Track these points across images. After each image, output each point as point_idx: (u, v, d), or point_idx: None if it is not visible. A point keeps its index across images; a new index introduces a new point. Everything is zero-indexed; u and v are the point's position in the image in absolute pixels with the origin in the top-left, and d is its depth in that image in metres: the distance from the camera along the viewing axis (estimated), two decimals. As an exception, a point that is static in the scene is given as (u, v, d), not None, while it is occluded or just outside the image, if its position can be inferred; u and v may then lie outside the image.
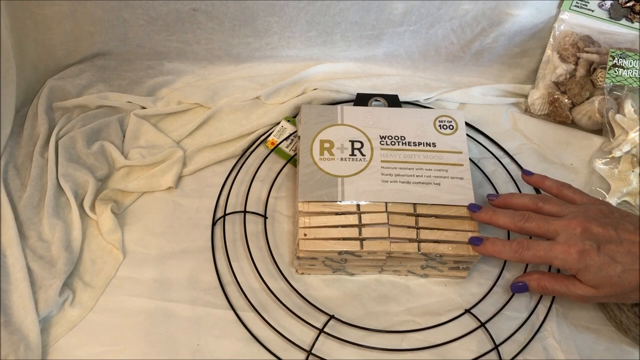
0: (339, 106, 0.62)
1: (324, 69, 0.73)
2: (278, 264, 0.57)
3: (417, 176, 0.57)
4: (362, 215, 0.54)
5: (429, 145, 0.60)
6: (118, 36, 0.68)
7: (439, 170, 0.58)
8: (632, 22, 0.69)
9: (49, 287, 0.52)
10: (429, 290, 0.56)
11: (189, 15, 0.66)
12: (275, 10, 0.67)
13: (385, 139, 0.60)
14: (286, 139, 0.66)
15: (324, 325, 0.53)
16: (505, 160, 0.67)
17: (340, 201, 0.55)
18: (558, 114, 0.69)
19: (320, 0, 0.65)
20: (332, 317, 0.54)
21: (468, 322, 0.54)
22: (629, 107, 0.65)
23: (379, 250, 0.53)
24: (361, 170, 0.57)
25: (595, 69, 0.68)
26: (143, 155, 0.64)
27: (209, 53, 0.72)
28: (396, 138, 0.60)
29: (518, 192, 0.64)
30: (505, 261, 0.58)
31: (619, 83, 0.66)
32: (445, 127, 0.61)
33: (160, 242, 0.58)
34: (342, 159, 0.58)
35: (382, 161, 0.58)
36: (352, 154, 0.58)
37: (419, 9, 0.67)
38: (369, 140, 0.59)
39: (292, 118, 0.68)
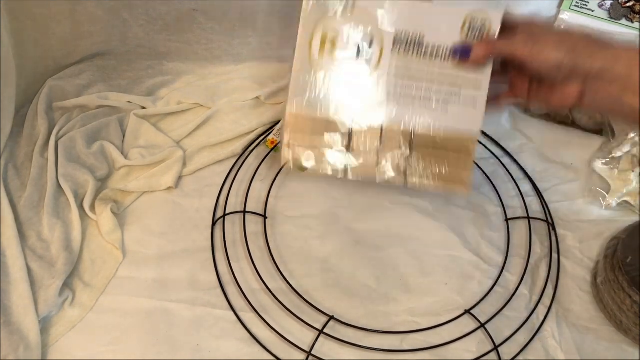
0: None
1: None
2: (278, 264, 0.57)
3: (424, 97, 0.50)
4: (353, 137, 0.50)
5: (447, 59, 0.50)
6: (118, 36, 0.68)
7: (451, 91, 0.50)
8: (632, 22, 0.69)
9: (49, 287, 0.52)
10: (429, 290, 0.56)
11: (189, 15, 0.66)
12: (275, 10, 0.67)
13: (400, 39, 0.50)
14: (286, 139, 0.66)
15: (324, 326, 0.53)
16: (506, 160, 0.67)
17: (333, 115, 0.50)
18: (558, 114, 0.69)
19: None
20: (331, 317, 0.54)
21: (468, 323, 0.54)
22: (629, 107, 0.65)
23: (365, 176, 0.49)
24: (363, 80, 0.50)
25: (595, 69, 0.68)
26: (143, 155, 0.64)
27: (209, 53, 0.72)
28: (413, 39, 0.50)
29: (519, 194, 0.64)
30: (505, 261, 0.58)
31: (619, 83, 0.66)
32: (474, 31, 0.50)
33: (160, 242, 0.58)
34: (344, 59, 0.50)
35: (389, 73, 0.51)
36: (357, 57, 0.51)
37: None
38: (381, 39, 0.50)
39: (292, 118, 0.68)
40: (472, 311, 0.54)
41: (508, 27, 0.49)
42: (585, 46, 0.45)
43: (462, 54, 0.50)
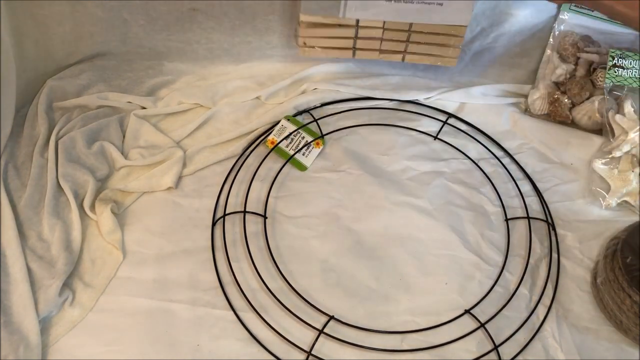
0: None
1: (324, 69, 0.73)
2: (278, 264, 0.57)
3: None
4: (359, 30, 0.59)
5: None
6: (118, 36, 0.68)
7: None
8: (632, 22, 0.69)
9: (49, 287, 0.52)
10: (429, 290, 0.56)
11: (189, 15, 0.66)
12: (275, 10, 0.67)
13: None
14: (286, 138, 0.66)
15: (324, 326, 0.53)
16: (506, 160, 0.67)
17: (342, 16, 0.58)
18: (558, 114, 0.69)
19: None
20: (331, 317, 0.54)
21: (468, 323, 0.54)
22: (628, 107, 0.65)
23: (367, 57, 0.61)
24: None
25: (595, 69, 0.68)
26: (143, 155, 0.64)
27: (209, 53, 0.72)
28: None
29: (520, 194, 0.64)
30: (505, 261, 0.58)
31: (618, 83, 0.66)
32: None
33: (160, 242, 0.58)
34: None
35: None
36: None
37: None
38: None
39: (293, 117, 0.68)
40: (472, 311, 0.54)
41: None
42: None
43: None
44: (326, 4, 0.58)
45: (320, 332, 0.52)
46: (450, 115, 0.70)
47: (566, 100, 0.69)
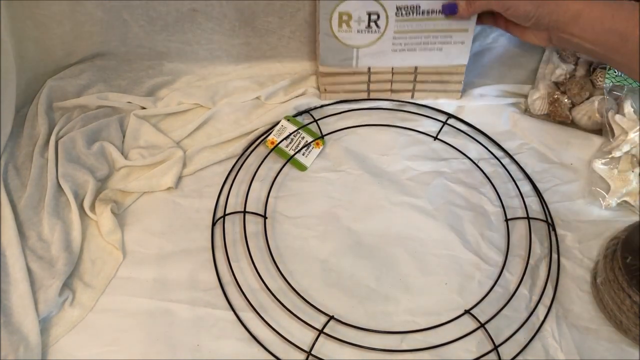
0: None
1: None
2: (278, 264, 0.57)
3: (423, 43, 0.65)
4: (372, 75, 0.67)
5: (441, 14, 0.63)
6: (118, 36, 0.68)
7: (444, 36, 0.64)
8: (632, 22, 0.69)
9: (49, 287, 0.52)
10: (429, 290, 0.56)
11: (189, 15, 0.66)
12: (274, 10, 0.67)
13: (401, 9, 0.63)
14: (286, 138, 0.66)
15: (324, 326, 0.53)
16: (505, 160, 0.67)
17: (355, 67, 0.66)
18: (558, 114, 0.69)
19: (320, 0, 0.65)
20: (331, 317, 0.54)
21: (468, 323, 0.54)
22: (628, 107, 0.65)
23: (381, 97, 0.70)
24: (375, 41, 0.64)
25: (595, 69, 0.68)
26: (143, 155, 0.64)
27: (209, 53, 0.72)
28: (411, 8, 0.63)
29: (519, 194, 0.64)
30: (505, 261, 0.58)
31: (618, 83, 0.66)
32: None
33: (160, 242, 0.58)
34: (358, 30, 0.64)
35: (395, 32, 0.64)
36: (368, 26, 0.63)
37: (419, 9, 0.68)
38: (386, 11, 0.63)
39: (292, 117, 0.68)
40: (472, 311, 0.54)
41: None
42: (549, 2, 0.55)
43: (449, 10, 0.62)
44: (341, 57, 0.66)
45: (320, 332, 0.52)
46: (450, 115, 0.70)
47: (566, 100, 0.68)
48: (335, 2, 0.62)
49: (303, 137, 0.67)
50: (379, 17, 0.63)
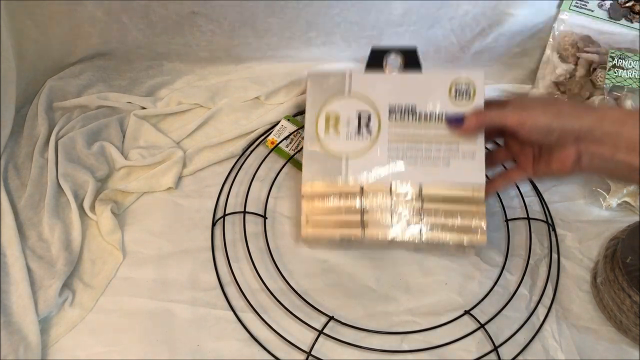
0: (347, 73, 0.56)
1: (324, 69, 0.73)
2: (278, 264, 0.57)
3: (425, 157, 0.54)
4: (365, 199, 0.54)
5: (440, 121, 0.54)
6: (118, 37, 0.68)
7: (449, 148, 0.54)
8: (632, 22, 0.69)
9: (49, 287, 0.52)
10: (429, 290, 0.56)
11: (189, 18, 0.66)
12: (274, 11, 0.67)
13: (394, 111, 0.55)
14: (286, 138, 0.66)
15: (324, 327, 0.53)
16: (505, 160, 0.67)
17: (344, 182, 0.54)
18: (558, 114, 0.69)
19: (320, 0, 0.65)
20: (331, 318, 0.54)
21: (468, 323, 0.54)
22: (628, 107, 0.65)
23: (381, 238, 0.53)
24: (367, 150, 0.55)
25: (595, 69, 0.68)
26: (143, 155, 0.64)
27: (209, 53, 0.72)
28: (406, 109, 0.55)
29: (520, 195, 0.64)
30: (505, 261, 0.58)
31: (618, 84, 0.66)
32: (461, 94, 0.54)
33: (160, 242, 0.58)
34: (348, 135, 0.55)
35: (389, 140, 0.55)
36: (359, 132, 0.55)
37: (419, 9, 0.67)
38: (378, 113, 0.55)
39: (292, 117, 0.68)
40: (472, 311, 0.54)
41: (501, 102, 0.52)
42: (571, 109, 0.47)
43: (455, 122, 0.53)
44: (328, 170, 0.55)
45: (320, 332, 0.52)
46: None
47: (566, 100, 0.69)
48: (321, 100, 0.56)
49: (303, 137, 0.67)
50: (370, 119, 0.55)
